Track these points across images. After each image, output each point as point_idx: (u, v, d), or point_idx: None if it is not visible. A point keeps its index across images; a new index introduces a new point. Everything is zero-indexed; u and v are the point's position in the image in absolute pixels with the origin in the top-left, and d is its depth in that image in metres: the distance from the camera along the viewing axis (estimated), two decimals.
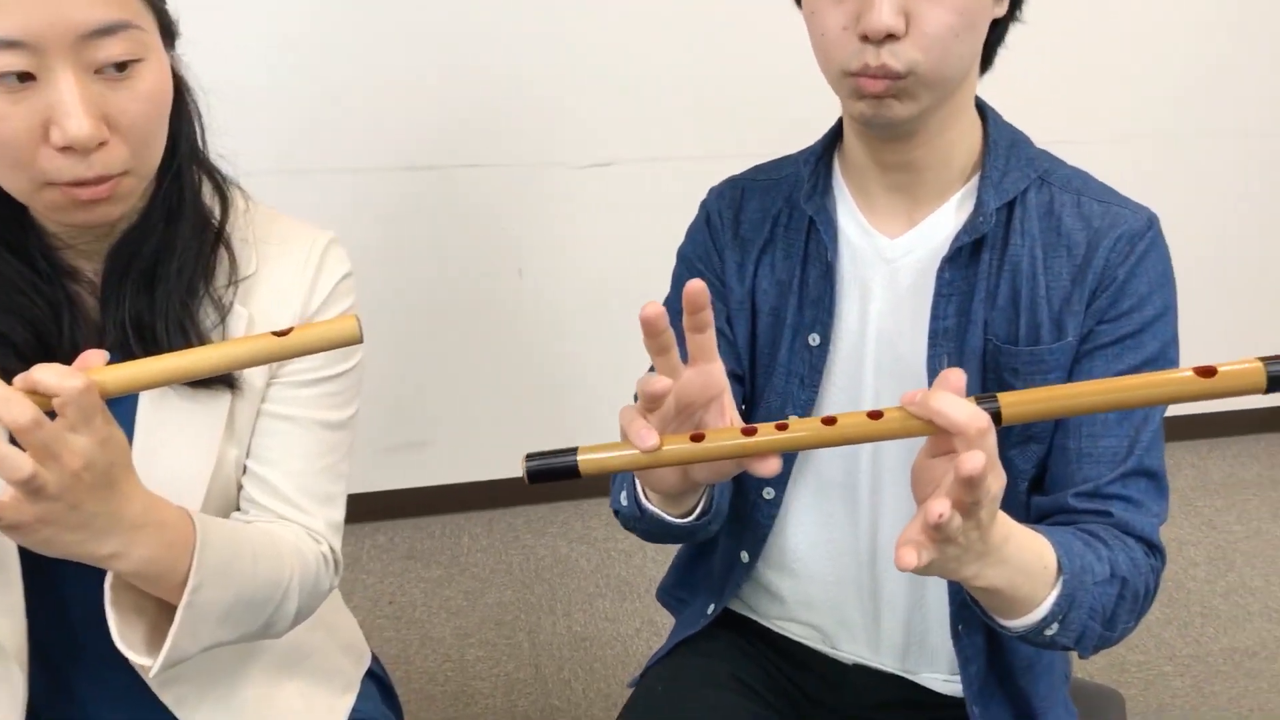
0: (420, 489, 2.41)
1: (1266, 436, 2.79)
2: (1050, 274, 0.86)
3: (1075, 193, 0.87)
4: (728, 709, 1.03)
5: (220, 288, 0.85)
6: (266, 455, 0.89)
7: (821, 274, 0.93)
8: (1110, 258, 0.84)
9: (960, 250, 0.87)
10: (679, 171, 2.19)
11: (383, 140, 2.09)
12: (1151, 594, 0.84)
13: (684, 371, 0.66)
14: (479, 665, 1.98)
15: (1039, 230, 0.87)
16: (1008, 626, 0.77)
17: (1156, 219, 0.86)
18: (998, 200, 0.86)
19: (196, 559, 0.75)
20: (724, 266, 0.98)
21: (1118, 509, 0.84)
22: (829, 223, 0.92)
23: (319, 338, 0.64)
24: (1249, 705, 1.87)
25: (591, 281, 2.28)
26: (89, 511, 0.67)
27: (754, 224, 0.97)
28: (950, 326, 0.88)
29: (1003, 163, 0.87)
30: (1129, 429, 0.85)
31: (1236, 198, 2.50)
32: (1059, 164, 0.90)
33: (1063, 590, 0.75)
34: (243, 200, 0.90)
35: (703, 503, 0.81)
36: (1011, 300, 0.87)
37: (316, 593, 0.90)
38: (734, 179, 1.02)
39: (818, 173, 0.94)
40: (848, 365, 0.93)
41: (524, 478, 0.63)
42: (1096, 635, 0.79)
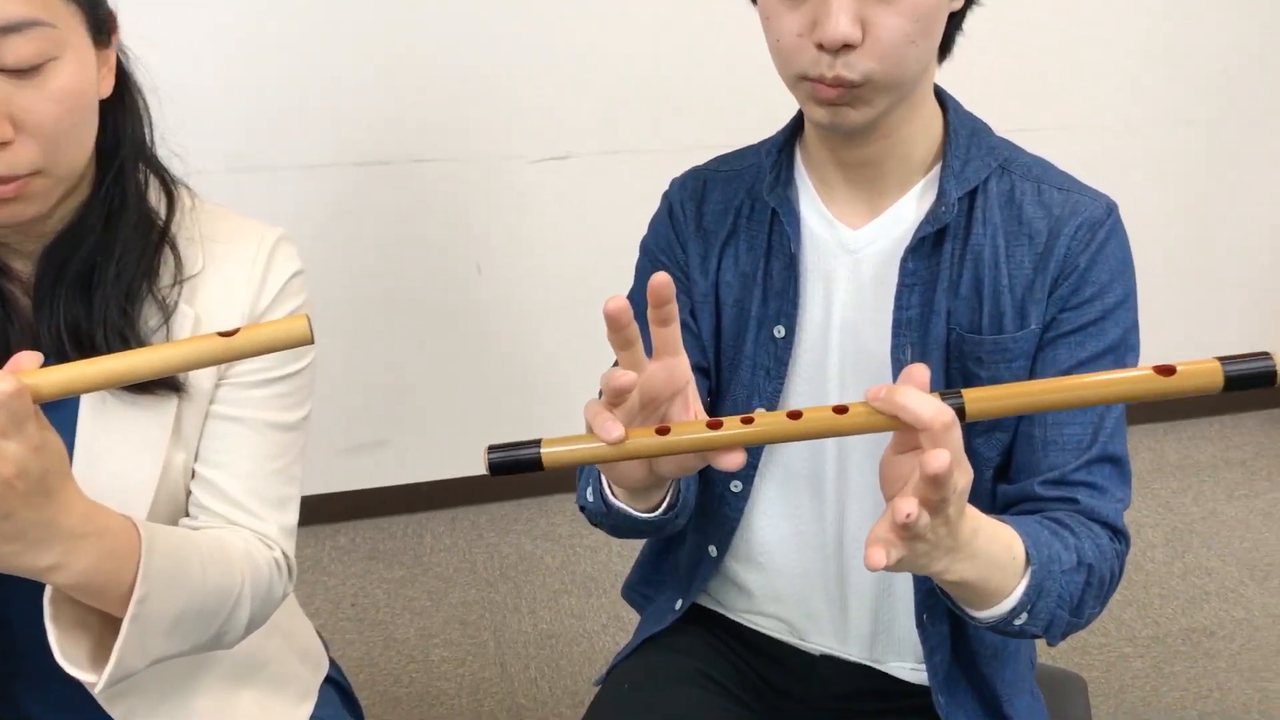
0: (381, 489, 2.38)
1: (1220, 419, 2.83)
2: (1012, 263, 0.86)
3: (1035, 181, 0.87)
4: (695, 705, 1.02)
5: (164, 287, 0.83)
6: (215, 459, 0.87)
7: (785, 265, 0.92)
8: (1071, 245, 0.84)
9: (923, 240, 0.86)
10: (638, 164, 2.18)
11: (335, 136, 2.05)
12: (1117, 578, 0.85)
13: (648, 366, 0.65)
14: (444, 666, 1.96)
15: (1000, 219, 0.87)
16: (977, 618, 0.77)
17: (1115, 206, 0.87)
18: (959, 190, 0.86)
19: (142, 569, 0.72)
20: (687, 258, 0.97)
21: (1083, 496, 0.84)
22: (792, 214, 0.91)
23: (268, 338, 0.62)
24: (1208, 685, 1.90)
25: (551, 277, 2.26)
26: (24, 521, 0.64)
27: (716, 215, 0.96)
28: (914, 317, 0.88)
29: (963, 152, 0.87)
30: (1093, 416, 0.85)
31: (1188, 184, 2.54)
32: (1019, 152, 0.90)
33: (1031, 580, 0.75)
34: (189, 198, 0.87)
35: (669, 497, 0.80)
36: (974, 289, 0.87)
37: (269, 600, 0.87)
38: (696, 170, 1.01)
39: (780, 164, 0.93)
40: (812, 356, 0.93)
41: (486, 469, 0.62)
42: (1065, 622, 0.79)
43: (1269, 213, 2.63)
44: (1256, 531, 2.34)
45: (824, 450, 0.94)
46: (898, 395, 0.60)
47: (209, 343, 0.61)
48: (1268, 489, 2.51)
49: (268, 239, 0.88)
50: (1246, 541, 2.31)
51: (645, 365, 0.65)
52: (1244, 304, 2.75)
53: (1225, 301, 2.73)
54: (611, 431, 0.61)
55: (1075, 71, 2.37)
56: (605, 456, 0.62)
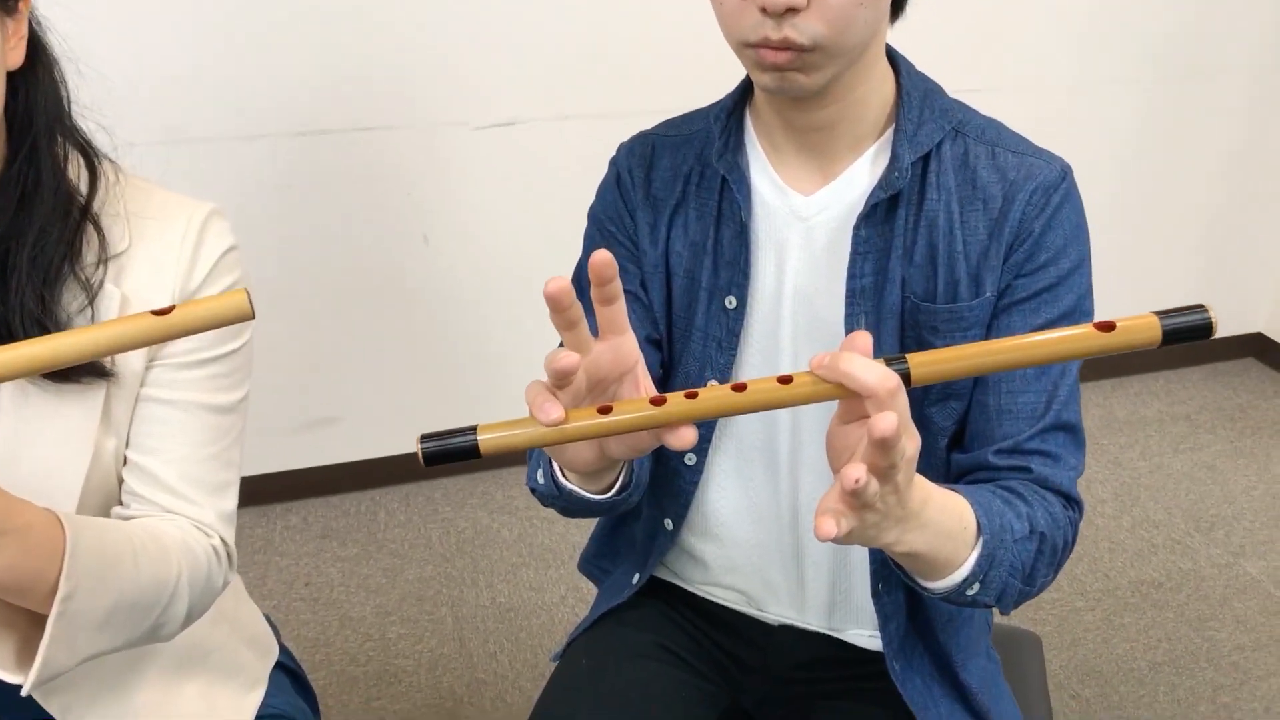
0: (331, 466, 2.34)
1: (1165, 374, 2.88)
2: (967, 229, 0.85)
3: (990, 144, 0.86)
4: (653, 679, 1.01)
5: (88, 266, 0.78)
6: (148, 444, 0.83)
7: (735, 234, 0.90)
8: (1026, 211, 0.83)
9: (876, 207, 0.85)
10: (587, 130, 2.14)
11: (273, 105, 1.98)
12: (1070, 546, 0.84)
13: (595, 346, 0.62)
14: (401, 643, 1.94)
15: (955, 184, 0.85)
16: (929, 589, 0.76)
17: (1070, 169, 0.85)
18: (913, 154, 0.84)
19: (66, 565, 0.69)
20: (636, 227, 0.95)
21: (1036, 464, 0.84)
22: (742, 181, 0.89)
23: (206, 315, 0.57)
24: (1157, 635, 1.95)
25: (501, 246, 2.22)
26: None
27: (665, 182, 0.94)
28: (867, 285, 0.86)
29: (916, 115, 0.85)
30: (1047, 384, 0.84)
31: (1133, 143, 2.56)
32: (973, 114, 0.88)
33: (983, 550, 0.74)
34: (114, 173, 0.83)
35: (622, 477, 0.78)
36: (929, 257, 0.85)
37: (209, 590, 0.84)
38: (644, 135, 0.98)
39: (729, 129, 0.91)
40: (765, 327, 0.91)
41: (421, 461, 0.59)
42: (1017, 591, 0.79)
43: (1211, 169, 2.66)
44: (1201, 484, 2.39)
45: (777, 422, 0.93)
46: (841, 363, 0.58)
47: (141, 322, 0.57)
48: (1211, 442, 2.56)
49: (198, 214, 0.84)
50: (1192, 494, 2.35)
51: (591, 345, 0.62)
52: (1190, 259, 2.78)
53: (1172, 257, 2.76)
54: (550, 413, 0.58)
55: (1022, 33, 2.37)
56: (546, 439, 0.59)
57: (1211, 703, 1.80)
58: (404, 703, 1.80)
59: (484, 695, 1.82)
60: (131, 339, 0.58)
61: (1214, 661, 1.88)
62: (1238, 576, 2.09)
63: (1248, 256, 2.80)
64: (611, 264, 0.59)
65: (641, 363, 0.67)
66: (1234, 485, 2.38)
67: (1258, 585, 2.06)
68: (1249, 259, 2.81)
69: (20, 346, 0.57)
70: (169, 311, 0.57)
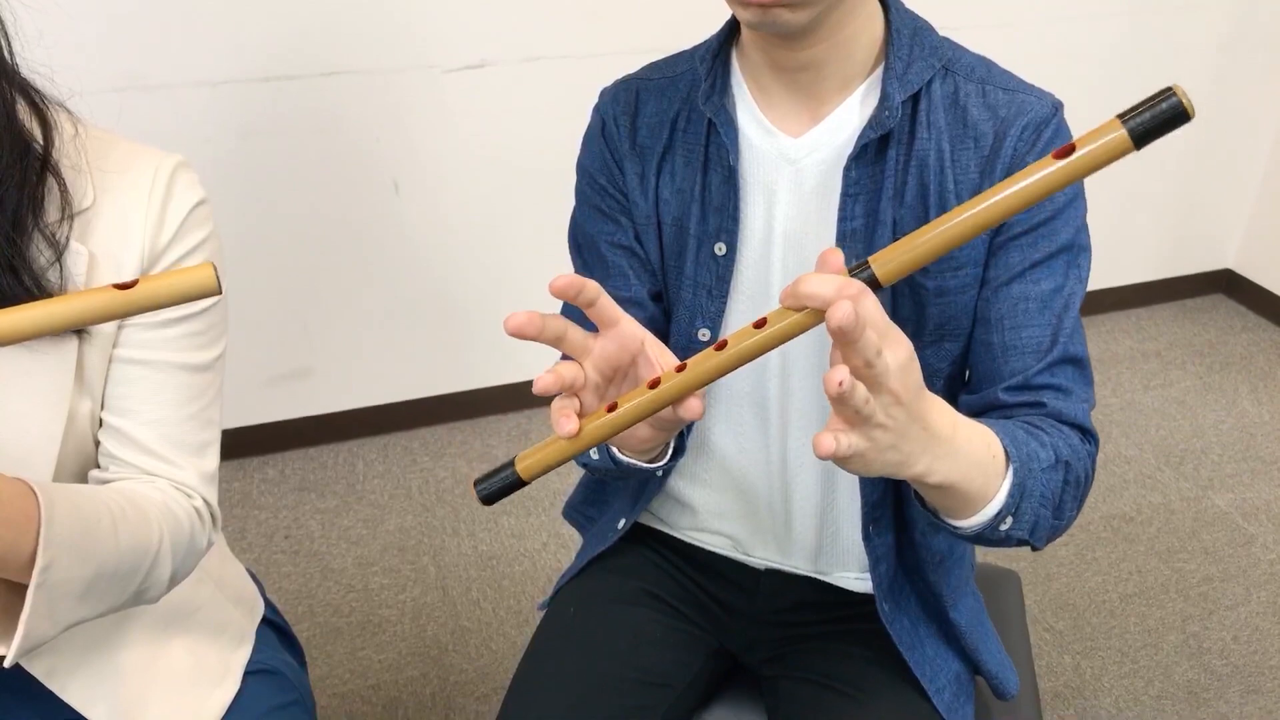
0: (308, 418, 2.32)
1: (1135, 312, 2.91)
2: (958, 167, 0.83)
3: (979, 81, 0.84)
4: (642, 624, 1.02)
5: (53, 223, 0.76)
6: (123, 405, 0.81)
7: (724, 179, 0.88)
8: (1018, 146, 0.82)
9: (866, 147, 0.83)
10: (558, 71, 2.10)
11: (236, 50, 1.92)
12: (1090, 478, 0.84)
13: (595, 341, 0.66)
14: (384, 593, 1.94)
15: (945, 122, 0.84)
16: (961, 527, 0.74)
17: (1061, 105, 0.84)
18: (903, 93, 0.82)
19: (43, 535, 0.67)
20: (624, 179, 0.93)
21: (1049, 398, 0.83)
22: (729, 124, 0.87)
23: (170, 290, 0.56)
24: (1128, 569, 1.99)
25: (473, 192, 2.19)
26: None
27: (652, 129, 0.92)
28: (858, 227, 0.85)
29: (906, 53, 0.83)
30: (1050, 317, 0.83)
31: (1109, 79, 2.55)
32: (962, 52, 0.87)
33: (1014, 479, 0.72)
34: (70, 124, 0.79)
35: (674, 443, 0.82)
36: (920, 196, 0.84)
37: (193, 552, 0.83)
38: (626, 80, 0.95)
39: (715, 71, 0.88)
40: (755, 272, 0.90)
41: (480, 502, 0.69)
42: (1049, 525, 0.77)
43: None
44: (1171, 419, 2.43)
45: (766, 368, 0.93)
46: (801, 285, 0.57)
47: (103, 296, 0.55)
48: (1180, 378, 2.59)
49: (164, 167, 0.81)
50: (1162, 430, 2.39)
51: (590, 344, 0.66)
52: (1158, 195, 2.79)
53: (1141, 193, 2.77)
54: (564, 427, 0.63)
55: None
56: (572, 452, 0.64)
57: (1181, 632, 1.84)
58: (389, 652, 1.81)
59: (469, 643, 1.83)
60: (92, 313, 0.56)
61: (1183, 592, 1.93)
62: (1206, 509, 2.13)
63: (1216, 193, 2.82)
64: (571, 286, 0.63)
65: (649, 340, 0.68)
66: (1203, 420, 2.42)
67: (1226, 518, 2.11)
68: (1217, 195, 2.82)
69: None
70: (132, 285, 0.55)
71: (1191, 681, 1.74)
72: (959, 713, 0.95)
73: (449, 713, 1.70)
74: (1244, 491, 2.18)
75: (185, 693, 0.90)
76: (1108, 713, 1.70)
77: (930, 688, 0.94)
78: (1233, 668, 1.77)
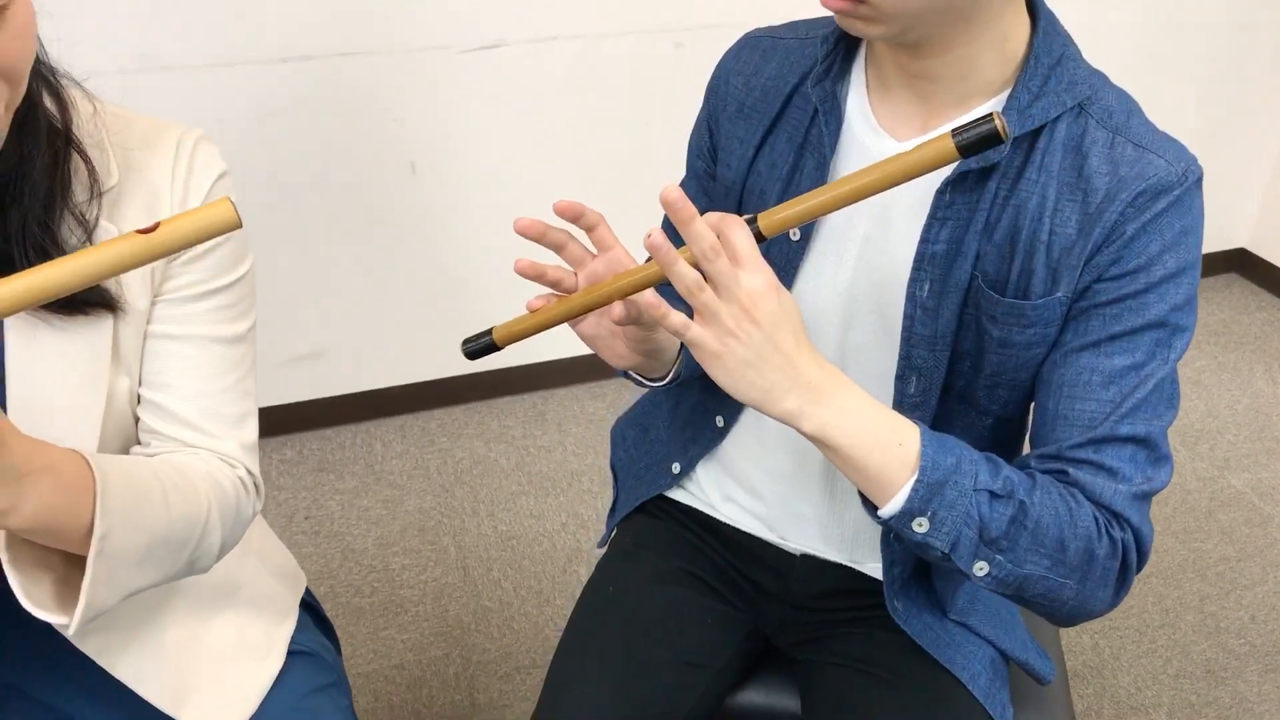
0: (325, 399, 2.33)
1: None
2: (1059, 218, 0.77)
3: (1113, 130, 0.77)
4: (680, 604, 1.03)
5: (81, 202, 0.76)
6: (161, 380, 0.82)
7: (817, 165, 0.86)
8: (1126, 211, 0.75)
9: (966, 175, 0.79)
10: (576, 51, 2.08)
11: (254, 30, 1.91)
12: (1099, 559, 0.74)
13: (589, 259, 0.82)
14: (405, 574, 1.95)
15: (1059, 166, 0.77)
16: (879, 516, 0.74)
17: (1195, 172, 0.76)
18: (1019, 128, 0.76)
19: (99, 504, 0.68)
20: (715, 146, 0.95)
21: (1078, 472, 0.76)
22: (834, 113, 0.85)
23: (192, 229, 0.57)
24: None
25: (489, 173, 2.18)
26: None
27: (766, 94, 0.90)
28: (939, 252, 0.81)
29: (1038, 85, 0.77)
30: (1114, 395, 0.75)
31: (1121, 57, 2.53)
32: (1104, 90, 0.79)
33: (921, 476, 0.70)
34: (88, 102, 0.80)
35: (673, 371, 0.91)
36: (1010, 238, 0.79)
37: (240, 521, 0.84)
38: (757, 35, 0.94)
39: (834, 54, 0.86)
40: (823, 264, 0.89)
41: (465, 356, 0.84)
42: (973, 546, 0.72)
43: (1194, 83, 2.65)
44: (1187, 399, 2.43)
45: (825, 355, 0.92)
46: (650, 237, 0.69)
47: (129, 243, 0.57)
48: (1195, 358, 2.59)
49: (186, 141, 0.82)
50: None
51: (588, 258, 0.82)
52: None
53: None
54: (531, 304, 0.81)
55: None
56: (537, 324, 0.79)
57: (1199, 612, 1.85)
58: (411, 632, 1.83)
59: (490, 622, 1.84)
60: (122, 261, 0.57)
61: (1200, 572, 1.94)
62: (1223, 489, 2.14)
63: (1230, 172, 2.80)
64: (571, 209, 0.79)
65: None
66: (1218, 400, 2.42)
67: (1242, 497, 2.12)
68: (1231, 175, 2.81)
69: (13, 280, 0.56)
70: (155, 229, 0.57)
71: (1209, 660, 1.76)
72: (995, 698, 0.95)
73: (473, 692, 1.71)
74: (1260, 471, 2.18)
75: (232, 668, 0.91)
76: (1126, 691, 1.71)
77: (964, 675, 0.94)
78: (1250, 647, 1.78)
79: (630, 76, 2.13)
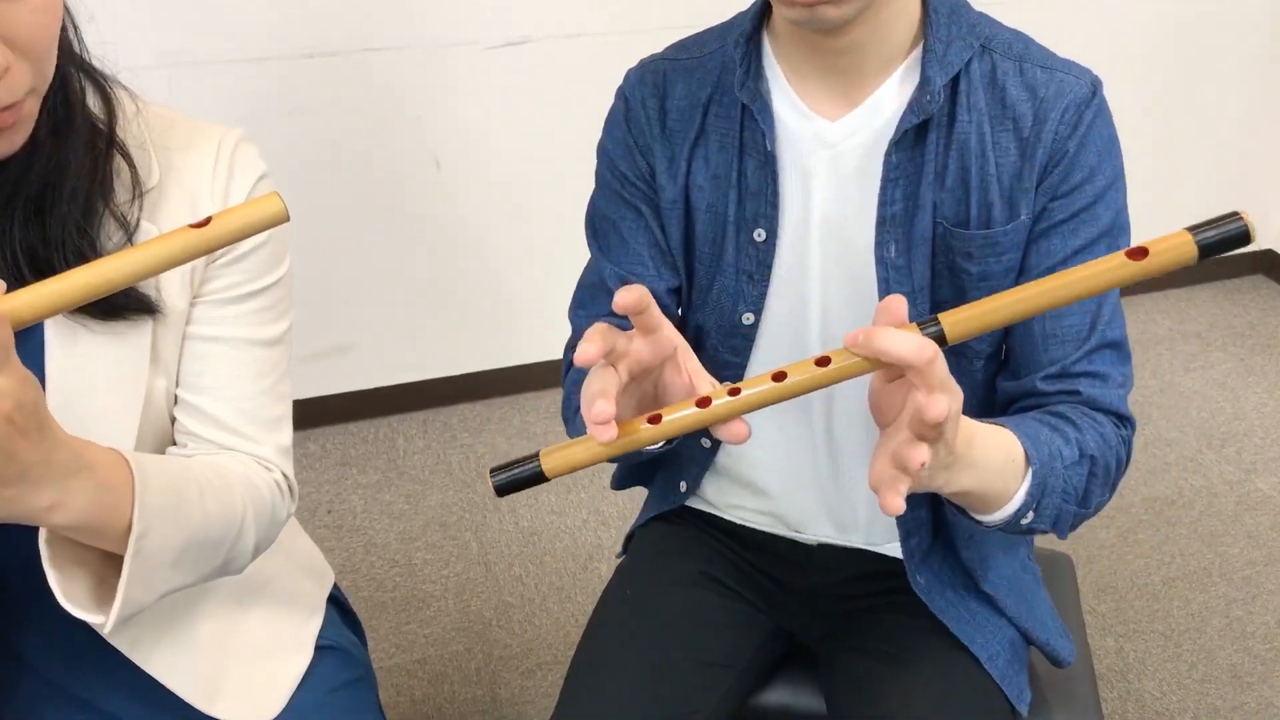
0: (348, 394, 2.34)
1: (1174, 292, 2.88)
2: (999, 149, 0.82)
3: (1017, 59, 0.83)
4: (700, 606, 1.03)
5: (122, 203, 0.76)
6: (199, 382, 0.82)
7: (760, 164, 0.88)
8: (1059, 130, 0.80)
9: (906, 132, 0.82)
10: (601, 48, 2.09)
11: (280, 25, 1.92)
12: (1124, 463, 0.85)
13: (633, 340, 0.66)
14: (428, 568, 1.96)
15: (985, 103, 0.82)
16: (983, 522, 0.77)
17: (1100, 82, 0.83)
18: (943, 76, 0.81)
19: (138, 503, 0.68)
20: (652, 165, 0.92)
21: (1084, 386, 0.83)
22: (765, 109, 0.86)
23: (243, 222, 0.58)
24: (1170, 551, 1.98)
25: (512, 170, 2.19)
26: (24, 461, 0.60)
27: (683, 113, 0.90)
28: (898, 212, 0.84)
29: (945, 33, 0.82)
30: (1090, 304, 0.83)
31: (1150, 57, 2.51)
32: (998, 28, 0.85)
33: (1033, 480, 0.75)
34: (131, 102, 0.80)
35: None
36: (961, 180, 0.83)
37: (274, 523, 0.85)
38: (652, 61, 0.94)
39: (749, 55, 0.87)
40: (794, 257, 0.90)
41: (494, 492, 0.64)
42: (1071, 515, 0.80)
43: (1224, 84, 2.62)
44: (1213, 401, 2.41)
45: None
46: (876, 340, 0.59)
47: (182, 237, 0.57)
48: (1221, 359, 2.57)
49: (227, 142, 0.82)
50: (1204, 411, 2.37)
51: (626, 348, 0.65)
52: (1200, 175, 2.76)
53: (1183, 173, 2.74)
54: (604, 434, 0.61)
55: None
56: (602, 456, 0.63)
57: (1225, 616, 1.84)
58: (434, 627, 1.83)
59: (512, 618, 1.85)
60: (174, 255, 0.58)
61: (1226, 576, 1.92)
62: (1249, 493, 2.12)
63: (1258, 172, 2.77)
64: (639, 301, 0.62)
65: (682, 347, 0.69)
66: (1245, 402, 2.40)
67: (1269, 501, 2.09)
68: (1260, 175, 2.78)
69: (71, 276, 0.57)
70: (207, 223, 0.57)
71: (1235, 665, 1.74)
72: (1013, 681, 0.95)
73: (494, 687, 1.72)
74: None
75: (261, 663, 0.91)
76: (1151, 695, 1.70)
77: (982, 655, 0.94)
78: (1277, 652, 1.76)
79: None
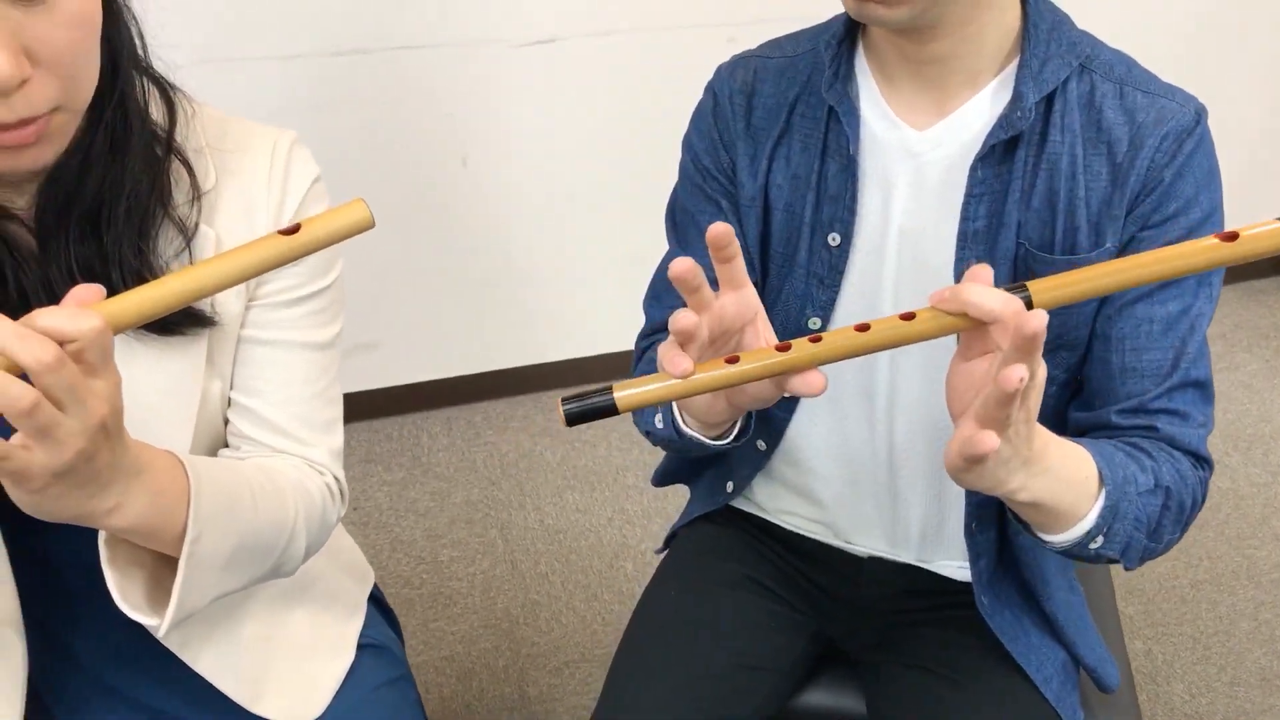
0: (373, 391, 2.34)
1: None
2: (1090, 173, 0.81)
3: (1118, 82, 0.81)
4: (742, 608, 1.03)
5: (180, 206, 0.77)
6: (253, 385, 0.83)
7: (841, 168, 0.87)
8: (1156, 157, 0.79)
9: (994, 147, 0.81)
10: (630, 46, 2.08)
11: (310, 23, 1.93)
12: (1199, 504, 0.83)
13: (716, 301, 0.65)
14: (454, 566, 1.97)
15: (1080, 125, 0.81)
16: (1051, 541, 0.75)
17: (1205, 111, 0.81)
18: (1037, 93, 0.80)
19: (192, 509, 0.69)
20: (734, 161, 0.92)
21: (1163, 423, 0.81)
22: (852, 113, 0.86)
23: (331, 229, 0.59)
24: (1198, 554, 1.97)
25: (541, 168, 2.19)
26: (101, 463, 0.60)
27: (769, 111, 0.91)
28: (980, 229, 0.83)
29: (1043, 49, 0.80)
30: (1174, 340, 0.81)
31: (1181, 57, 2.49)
32: (1101, 48, 0.84)
33: (1106, 501, 0.73)
34: (189, 105, 0.80)
35: (740, 423, 0.79)
36: (1048, 202, 0.82)
37: (325, 526, 0.85)
38: (745, 57, 0.94)
39: (840, 57, 0.87)
40: (867, 264, 0.89)
41: (562, 421, 0.62)
42: (1141, 546, 0.78)
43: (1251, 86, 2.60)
44: (1239, 403, 2.39)
45: (876, 359, 0.92)
46: (965, 292, 0.60)
47: (272, 244, 0.58)
48: (1247, 361, 2.55)
49: (281, 145, 0.83)
50: (1230, 414, 2.36)
51: (713, 302, 0.65)
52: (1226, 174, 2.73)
53: None
54: (679, 365, 0.61)
55: None
56: (678, 392, 0.62)
57: (1253, 619, 1.83)
58: (461, 624, 1.84)
59: (539, 616, 1.85)
60: (264, 262, 0.58)
61: (1254, 579, 1.91)
62: (1276, 495, 2.11)
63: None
64: (726, 234, 0.62)
65: (762, 313, 0.69)
66: (1271, 404, 2.39)
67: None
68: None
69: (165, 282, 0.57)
70: (296, 230, 0.58)
71: (1264, 668, 1.73)
72: (1066, 701, 0.95)
73: (523, 685, 1.72)
74: None
75: (306, 663, 0.92)
76: (1180, 699, 1.69)
77: (1037, 676, 0.94)
78: None
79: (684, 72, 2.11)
